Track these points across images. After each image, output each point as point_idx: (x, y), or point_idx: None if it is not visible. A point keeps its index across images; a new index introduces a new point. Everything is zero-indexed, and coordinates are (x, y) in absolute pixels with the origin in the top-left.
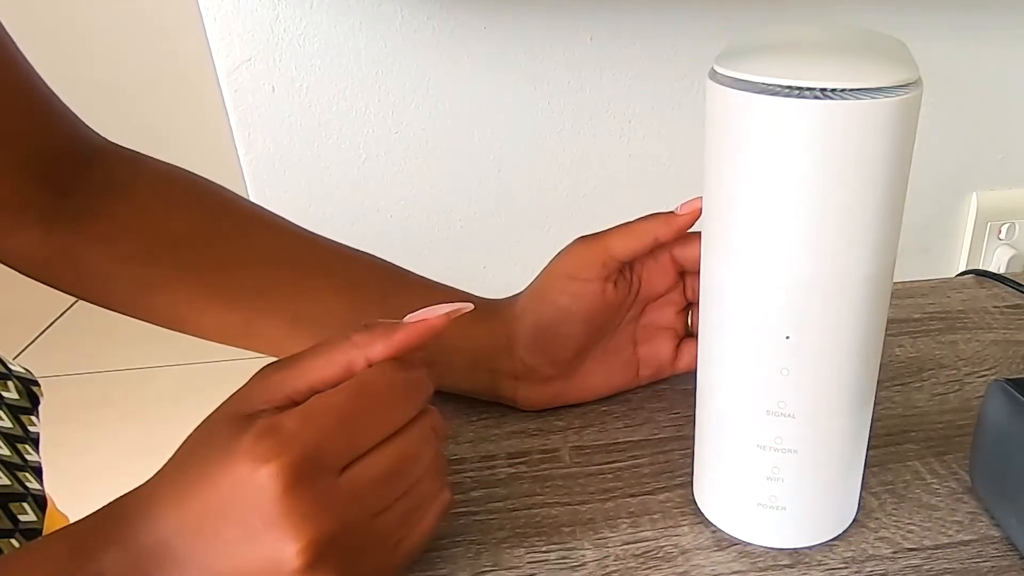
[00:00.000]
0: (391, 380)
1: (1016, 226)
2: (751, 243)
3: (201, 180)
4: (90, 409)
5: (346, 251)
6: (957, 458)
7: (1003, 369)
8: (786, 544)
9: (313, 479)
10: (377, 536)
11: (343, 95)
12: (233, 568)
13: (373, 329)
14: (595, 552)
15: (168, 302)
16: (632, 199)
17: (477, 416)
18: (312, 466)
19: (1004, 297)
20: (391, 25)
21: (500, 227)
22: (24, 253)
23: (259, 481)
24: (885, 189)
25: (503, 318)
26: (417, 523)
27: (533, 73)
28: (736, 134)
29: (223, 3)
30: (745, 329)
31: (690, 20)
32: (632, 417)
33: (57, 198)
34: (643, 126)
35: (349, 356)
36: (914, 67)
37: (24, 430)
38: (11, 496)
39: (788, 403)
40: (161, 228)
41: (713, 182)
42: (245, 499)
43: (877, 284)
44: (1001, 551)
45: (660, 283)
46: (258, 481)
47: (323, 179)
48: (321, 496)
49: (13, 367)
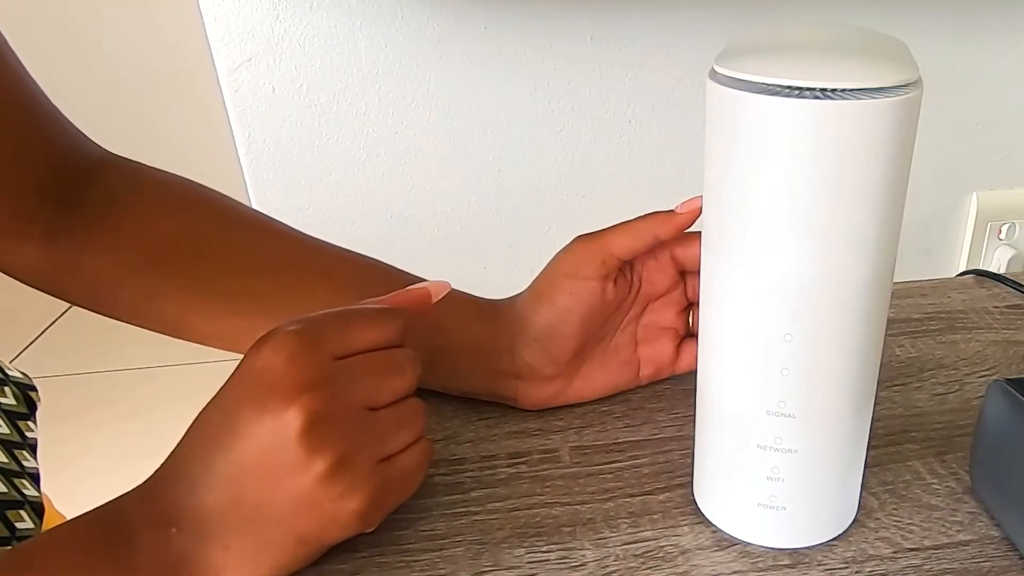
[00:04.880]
0: (376, 311)
1: (1016, 226)
2: (751, 243)
3: (201, 188)
4: (90, 409)
5: (346, 254)
6: (957, 458)
7: (1003, 369)
8: (786, 544)
9: (310, 352)
10: (371, 432)
11: (343, 95)
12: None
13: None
14: (595, 552)
15: (171, 310)
16: (632, 199)
17: (477, 416)
18: (310, 342)
19: (1004, 297)
20: (391, 25)
21: (500, 227)
22: (28, 265)
23: (264, 357)
24: (885, 189)
25: (503, 318)
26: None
27: (533, 73)
28: (736, 134)
29: (223, 3)
30: (745, 329)
31: (690, 20)
32: (632, 417)
33: (60, 211)
34: (643, 126)
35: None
36: (914, 67)
37: (21, 436)
38: (8, 503)
39: (788, 403)
40: (163, 237)
41: (713, 182)
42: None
43: (877, 284)
44: (1001, 551)
45: (661, 283)
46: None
47: (323, 179)
48: (317, 365)
49: (10, 372)
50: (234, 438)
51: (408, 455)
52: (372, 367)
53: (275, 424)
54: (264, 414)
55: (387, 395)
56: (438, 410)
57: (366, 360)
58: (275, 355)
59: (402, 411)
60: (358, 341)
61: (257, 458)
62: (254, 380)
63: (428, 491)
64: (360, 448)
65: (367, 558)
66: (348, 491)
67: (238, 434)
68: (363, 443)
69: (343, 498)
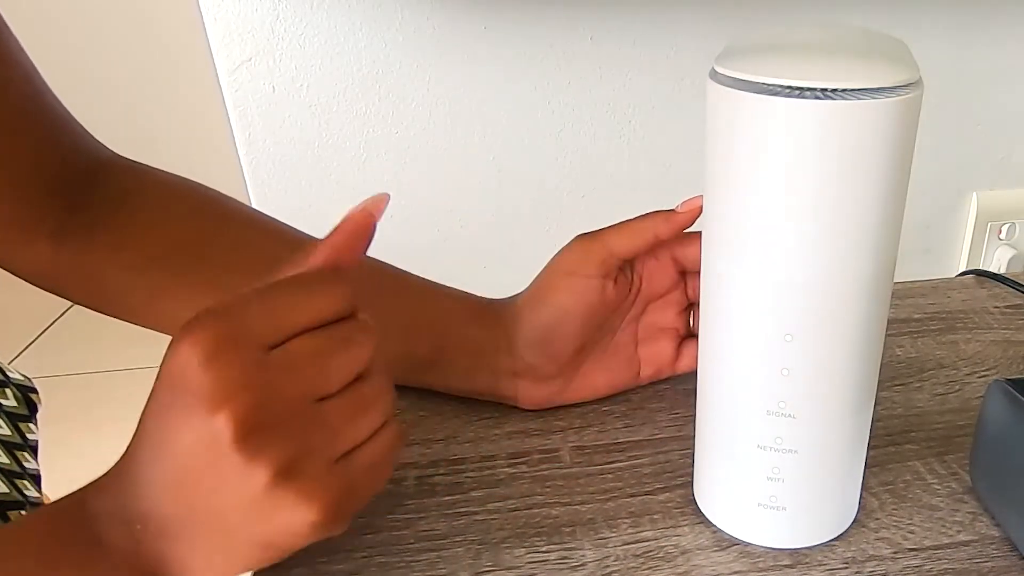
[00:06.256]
0: (311, 276)
1: (1016, 226)
2: (751, 243)
3: (203, 188)
4: (90, 409)
5: None
6: (957, 458)
7: (1003, 369)
8: (786, 544)
9: (232, 349)
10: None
11: (343, 95)
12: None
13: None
14: (595, 552)
15: (175, 309)
16: (632, 199)
17: (477, 416)
18: (233, 339)
19: (1004, 297)
20: (391, 25)
21: (500, 227)
22: (35, 266)
23: (181, 359)
24: (885, 189)
25: (503, 317)
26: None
27: (533, 73)
28: (736, 134)
29: (223, 3)
30: (746, 329)
31: (690, 20)
32: (632, 417)
33: (66, 212)
34: (643, 126)
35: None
36: (914, 67)
37: (23, 437)
38: (9, 504)
39: (788, 403)
40: (166, 237)
41: (713, 182)
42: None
43: (877, 284)
44: (1001, 551)
45: (661, 283)
46: (181, 359)
47: (323, 179)
48: (245, 365)
49: (11, 374)
50: (172, 446)
51: (372, 445)
52: (313, 350)
53: (205, 432)
54: (192, 422)
55: (336, 380)
56: (438, 410)
57: (305, 343)
58: (191, 355)
59: (359, 395)
60: (292, 321)
61: (197, 466)
62: (175, 384)
63: (428, 491)
64: (309, 450)
65: (367, 558)
66: (302, 499)
67: (173, 442)
68: (312, 443)
69: (297, 507)
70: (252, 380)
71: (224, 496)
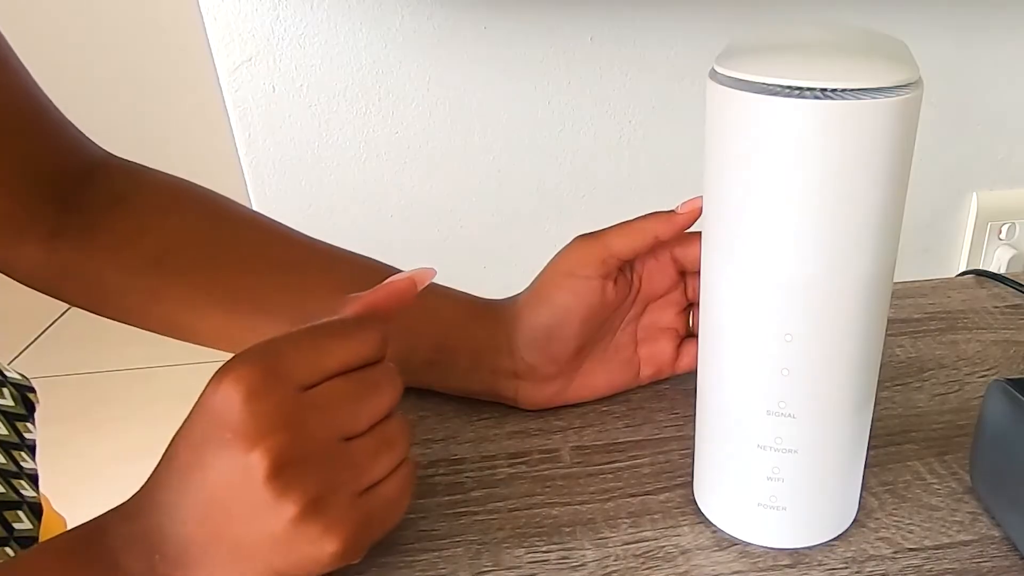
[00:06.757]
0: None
1: (1016, 226)
2: (751, 243)
3: (200, 189)
4: (89, 409)
5: (345, 254)
6: (957, 458)
7: (1003, 369)
8: (786, 544)
9: (272, 388)
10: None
11: (343, 95)
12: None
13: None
14: (595, 552)
15: (171, 311)
16: (632, 199)
17: (477, 416)
18: (272, 375)
19: (1004, 297)
20: (391, 25)
21: (500, 227)
22: (30, 268)
23: (223, 393)
24: (885, 189)
25: (503, 317)
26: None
27: (533, 73)
28: (736, 134)
29: (223, 3)
30: (745, 329)
31: (690, 20)
32: (632, 417)
33: (61, 213)
34: (643, 126)
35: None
36: (914, 67)
37: (20, 437)
38: (6, 504)
39: (788, 403)
40: (162, 239)
41: (713, 182)
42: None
43: (877, 284)
44: (1001, 551)
45: (661, 283)
46: (223, 394)
47: (323, 179)
48: (283, 404)
49: (9, 373)
50: (203, 475)
51: (390, 483)
52: (346, 393)
53: (239, 466)
54: (227, 456)
55: (364, 422)
56: (438, 410)
57: (339, 386)
58: (234, 392)
59: (382, 435)
60: (329, 365)
61: (227, 498)
62: (214, 419)
63: (428, 491)
64: (335, 486)
65: (367, 558)
66: (325, 532)
67: (205, 472)
68: (339, 480)
69: (321, 540)
70: (289, 419)
71: (251, 527)
